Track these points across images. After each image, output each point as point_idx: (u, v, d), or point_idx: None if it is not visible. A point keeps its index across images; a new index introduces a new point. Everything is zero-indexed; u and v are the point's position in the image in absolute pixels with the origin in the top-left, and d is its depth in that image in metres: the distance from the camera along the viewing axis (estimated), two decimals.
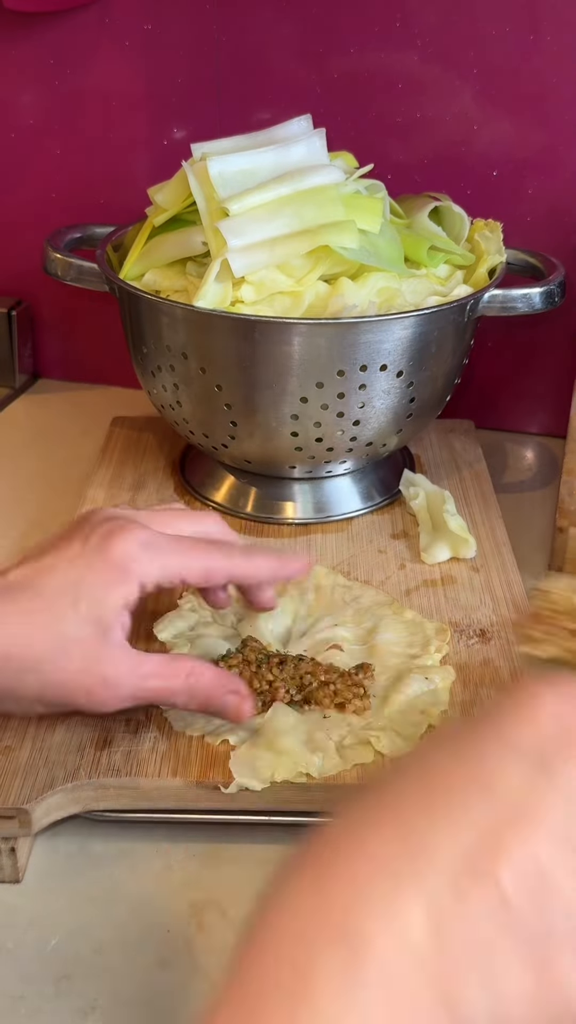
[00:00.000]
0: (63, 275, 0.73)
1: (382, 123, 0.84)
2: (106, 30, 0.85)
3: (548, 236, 0.84)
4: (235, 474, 0.75)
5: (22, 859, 0.50)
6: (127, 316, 0.71)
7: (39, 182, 0.92)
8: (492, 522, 0.73)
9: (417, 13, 0.80)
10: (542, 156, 0.82)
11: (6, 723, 0.54)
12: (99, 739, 0.53)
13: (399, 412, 0.68)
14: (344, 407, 0.66)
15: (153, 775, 0.51)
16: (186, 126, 0.87)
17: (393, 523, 0.73)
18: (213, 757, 0.52)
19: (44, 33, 0.87)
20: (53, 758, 0.51)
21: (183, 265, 0.70)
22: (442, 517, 0.70)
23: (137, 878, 0.50)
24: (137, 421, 0.86)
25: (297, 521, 0.73)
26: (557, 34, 0.78)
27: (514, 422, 0.93)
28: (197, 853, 0.51)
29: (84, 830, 0.52)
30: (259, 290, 0.64)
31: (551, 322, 0.86)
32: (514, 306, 0.70)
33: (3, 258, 0.98)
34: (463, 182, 0.84)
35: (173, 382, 0.69)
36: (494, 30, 0.79)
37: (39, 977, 0.45)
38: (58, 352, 1.01)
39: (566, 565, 0.71)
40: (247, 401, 0.66)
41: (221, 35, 0.84)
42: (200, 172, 0.66)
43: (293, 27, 0.82)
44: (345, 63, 0.83)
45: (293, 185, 0.66)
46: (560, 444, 0.70)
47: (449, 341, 0.68)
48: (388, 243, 0.68)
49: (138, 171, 0.90)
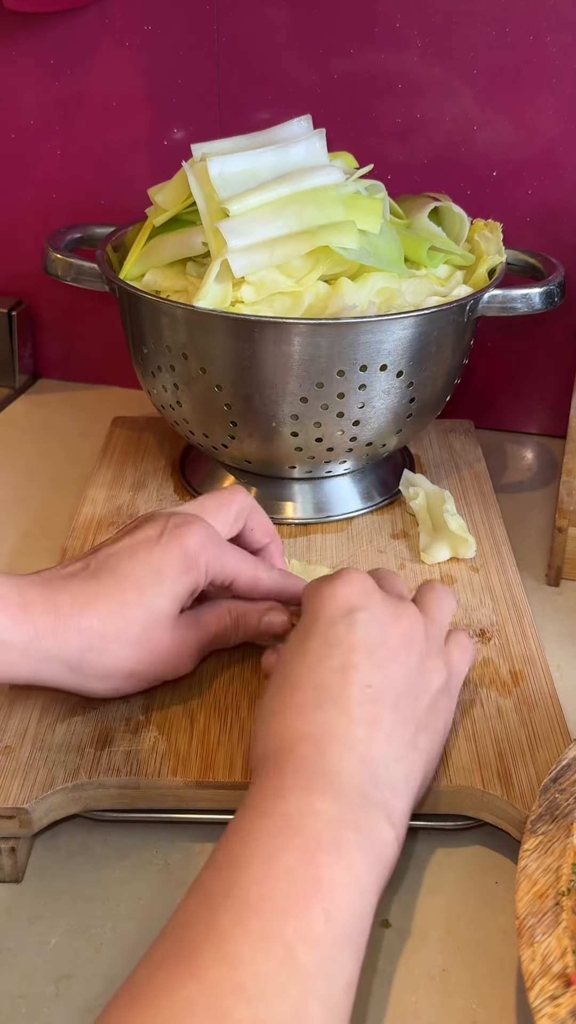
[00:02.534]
0: (63, 275, 0.73)
1: (382, 123, 0.84)
2: (106, 30, 0.85)
3: (548, 236, 0.84)
4: (235, 474, 0.75)
5: (22, 859, 0.50)
6: (127, 316, 0.71)
7: (39, 182, 0.93)
8: (492, 522, 0.73)
9: (417, 13, 0.80)
10: (541, 156, 0.82)
11: (6, 723, 0.54)
12: (99, 739, 0.53)
13: (399, 412, 0.69)
14: (344, 407, 0.66)
15: (153, 775, 0.51)
16: (186, 126, 0.87)
17: (393, 523, 0.73)
18: (213, 757, 0.52)
19: (44, 33, 0.87)
20: (53, 758, 0.51)
21: (183, 265, 0.70)
22: (442, 517, 0.70)
23: (137, 878, 0.50)
24: (137, 421, 0.86)
25: (297, 521, 0.73)
26: (557, 34, 0.78)
27: (514, 422, 0.94)
28: (197, 853, 0.51)
29: (84, 830, 0.52)
30: (259, 290, 0.64)
31: (551, 322, 0.86)
32: (514, 306, 0.70)
33: (3, 258, 0.98)
34: (463, 182, 0.84)
35: (173, 382, 0.69)
36: (494, 30, 0.79)
37: (39, 977, 0.45)
38: (58, 352, 1.01)
39: (565, 565, 0.71)
40: (247, 401, 0.66)
41: (221, 36, 0.84)
42: (200, 172, 0.66)
43: (293, 27, 0.82)
44: (345, 63, 0.83)
45: (293, 186, 0.66)
46: (560, 444, 0.71)
47: (449, 341, 0.68)
48: (388, 243, 0.68)
49: (138, 171, 0.90)
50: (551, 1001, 0.38)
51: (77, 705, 0.55)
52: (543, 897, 0.42)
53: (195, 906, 0.37)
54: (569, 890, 0.42)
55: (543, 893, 0.42)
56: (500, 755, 0.52)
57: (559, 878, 0.43)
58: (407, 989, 0.45)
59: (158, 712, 0.55)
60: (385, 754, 0.44)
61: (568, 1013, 0.38)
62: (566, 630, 0.68)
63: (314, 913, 0.37)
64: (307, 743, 0.43)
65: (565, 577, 0.72)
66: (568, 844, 0.44)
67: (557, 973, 0.39)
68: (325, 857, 0.38)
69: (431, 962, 0.46)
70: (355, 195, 0.68)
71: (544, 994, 0.38)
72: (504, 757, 0.52)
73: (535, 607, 0.67)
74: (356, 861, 0.39)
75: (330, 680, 0.45)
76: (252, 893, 0.37)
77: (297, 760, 0.42)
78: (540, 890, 0.42)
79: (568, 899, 0.42)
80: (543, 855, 0.44)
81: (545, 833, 0.45)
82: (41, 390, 1.01)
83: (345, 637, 0.46)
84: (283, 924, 0.36)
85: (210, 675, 0.57)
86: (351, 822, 0.40)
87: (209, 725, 0.54)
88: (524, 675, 0.58)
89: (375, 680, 0.45)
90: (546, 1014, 0.38)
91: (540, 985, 0.39)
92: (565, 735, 0.54)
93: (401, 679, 0.46)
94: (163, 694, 0.56)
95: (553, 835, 0.45)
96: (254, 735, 0.46)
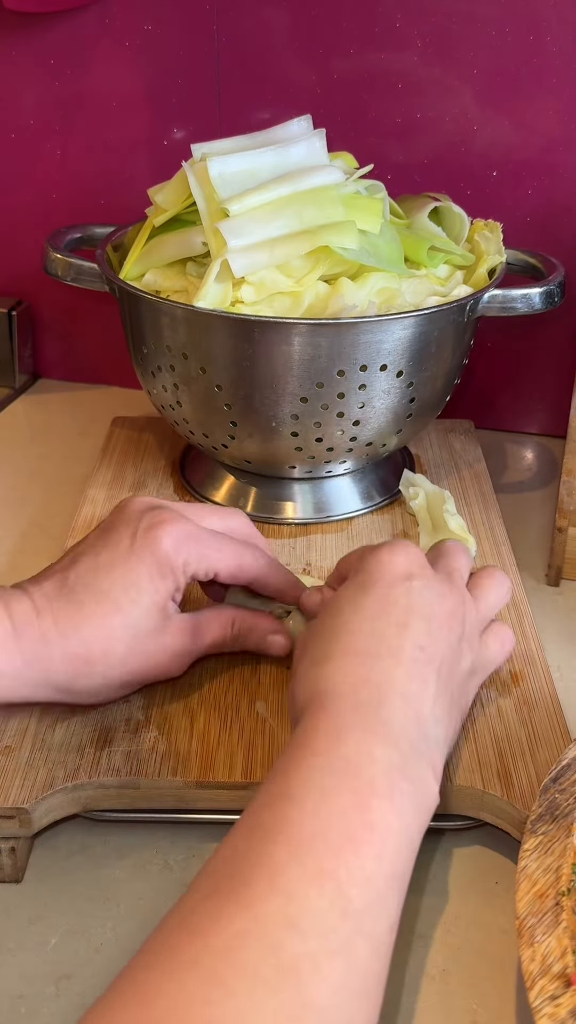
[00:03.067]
0: (63, 275, 0.73)
1: (382, 123, 0.84)
2: (106, 30, 0.85)
3: (548, 236, 0.84)
4: (235, 474, 0.75)
5: (22, 859, 0.50)
6: (127, 316, 0.71)
7: (39, 182, 0.93)
8: (492, 522, 0.73)
9: (417, 13, 0.80)
10: (541, 156, 0.82)
11: (6, 723, 0.54)
12: (99, 739, 0.53)
13: (399, 412, 0.69)
14: (344, 407, 0.66)
15: (153, 775, 0.51)
16: (186, 126, 0.87)
17: (393, 523, 0.73)
18: (213, 757, 0.52)
19: (44, 33, 0.87)
20: (53, 758, 0.51)
21: (183, 265, 0.70)
22: (442, 517, 0.70)
23: (137, 878, 0.50)
24: (137, 421, 0.86)
25: (297, 521, 0.73)
26: (557, 34, 0.78)
27: (514, 422, 0.94)
28: (197, 853, 0.51)
29: (84, 830, 0.52)
30: (259, 290, 0.64)
31: (551, 322, 0.86)
32: (514, 306, 0.70)
33: (3, 258, 0.98)
34: (463, 182, 0.84)
35: (173, 382, 0.69)
36: (494, 30, 0.79)
37: (39, 977, 0.45)
38: (58, 352, 1.01)
39: (565, 565, 0.71)
40: (247, 401, 0.66)
41: (221, 35, 0.84)
42: (200, 172, 0.66)
43: (293, 27, 0.82)
44: (345, 63, 0.83)
45: (293, 186, 0.66)
46: (560, 444, 0.71)
47: (449, 341, 0.68)
48: (388, 243, 0.68)
49: (138, 171, 0.90)
50: (551, 1001, 0.38)
51: (77, 705, 0.55)
52: (543, 897, 0.42)
53: (247, 837, 0.38)
54: (569, 890, 0.42)
55: (543, 893, 0.42)
56: (500, 755, 0.52)
57: (559, 878, 0.43)
58: (407, 989, 0.45)
59: (158, 712, 0.55)
60: (430, 713, 0.45)
61: (568, 1013, 0.38)
62: (566, 630, 0.68)
63: (366, 855, 0.38)
64: (368, 688, 0.44)
65: (565, 577, 0.72)
66: (568, 844, 0.44)
67: (557, 973, 0.39)
68: (378, 802, 0.39)
69: (431, 962, 0.46)
70: (355, 195, 0.68)
71: (544, 994, 0.38)
72: (504, 757, 0.52)
73: (535, 607, 0.67)
74: (406, 809, 0.40)
75: (388, 634, 0.46)
76: (307, 829, 0.38)
77: (356, 703, 0.43)
78: (540, 890, 0.42)
79: (568, 899, 0.42)
80: (543, 855, 0.44)
81: (545, 833, 0.45)
82: (41, 390, 1.01)
83: (404, 599, 0.48)
84: (336, 863, 0.37)
85: (210, 675, 0.57)
86: (405, 771, 0.41)
87: (209, 725, 0.54)
88: (524, 675, 0.58)
89: (427, 644, 0.47)
90: (546, 1014, 0.38)
91: (540, 985, 0.39)
92: (565, 735, 0.54)
93: (446, 650, 0.48)
94: (163, 694, 0.56)
95: (553, 835, 0.45)
96: (300, 675, 0.47)
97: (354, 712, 0.43)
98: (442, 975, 0.46)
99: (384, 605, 0.47)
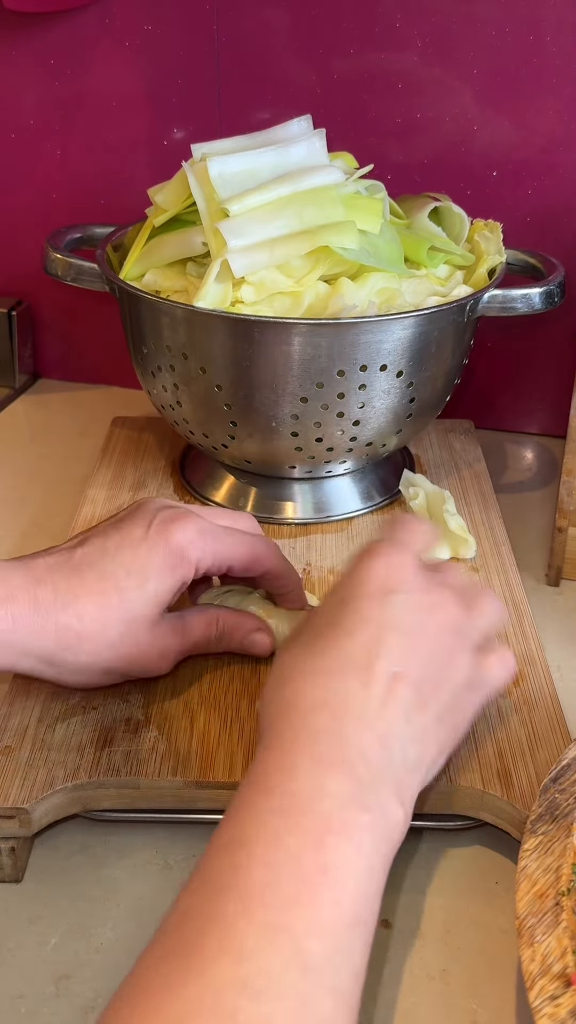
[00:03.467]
0: (63, 275, 0.73)
1: (382, 123, 0.84)
2: (106, 30, 0.85)
3: (548, 236, 0.84)
4: (235, 474, 0.75)
5: (22, 859, 0.50)
6: (127, 316, 0.71)
7: (39, 182, 0.93)
8: (492, 522, 0.73)
9: (417, 13, 0.80)
10: (541, 157, 0.82)
11: (6, 723, 0.54)
12: (99, 739, 0.53)
13: (399, 412, 0.69)
14: (344, 407, 0.66)
15: (153, 775, 0.51)
16: (186, 126, 0.87)
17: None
18: (213, 757, 0.52)
19: (44, 33, 0.87)
20: (53, 758, 0.51)
21: (183, 265, 0.70)
22: (442, 517, 0.70)
23: (137, 878, 0.50)
24: (137, 421, 0.86)
25: (297, 521, 0.73)
26: (557, 34, 0.78)
27: (513, 422, 0.94)
28: (197, 853, 0.51)
29: (84, 830, 0.52)
30: (259, 290, 0.64)
31: (551, 322, 0.86)
32: (514, 306, 0.70)
33: (3, 258, 0.98)
34: (463, 182, 0.84)
35: (173, 382, 0.69)
36: (494, 31, 0.79)
37: (39, 977, 0.45)
38: (58, 352, 1.01)
39: (565, 565, 0.71)
40: (247, 401, 0.66)
41: (221, 35, 0.84)
42: (200, 172, 0.66)
43: (293, 27, 0.82)
44: (345, 63, 0.83)
45: (293, 186, 0.66)
46: (560, 444, 0.71)
47: (449, 341, 0.68)
48: (388, 243, 0.68)
49: (138, 171, 0.90)
50: (551, 1001, 0.38)
51: (77, 705, 0.55)
52: (543, 897, 0.42)
53: (196, 892, 0.36)
54: (569, 890, 0.42)
55: (543, 893, 0.42)
56: (500, 755, 0.52)
57: (559, 878, 0.43)
58: (407, 989, 0.45)
59: (158, 712, 0.55)
60: (401, 733, 0.42)
61: (568, 1013, 0.38)
62: (566, 630, 0.68)
63: (323, 902, 0.35)
64: (325, 712, 0.42)
65: (565, 577, 0.72)
66: (568, 844, 0.44)
67: (557, 973, 0.39)
68: (334, 840, 0.37)
69: (431, 962, 0.46)
70: (355, 195, 0.68)
71: (544, 994, 0.38)
72: (504, 757, 0.52)
73: (535, 607, 0.67)
74: (365, 843, 0.38)
75: (356, 652, 0.44)
76: (256, 879, 0.35)
77: (311, 731, 0.41)
78: (540, 890, 0.42)
79: (568, 899, 0.42)
80: (543, 855, 0.44)
81: (545, 833, 0.45)
82: (41, 390, 1.01)
83: (378, 615, 0.45)
84: (290, 915, 0.35)
85: (210, 675, 0.57)
86: (363, 801, 0.39)
87: (209, 725, 0.54)
88: (524, 675, 0.58)
89: (401, 660, 0.44)
90: (546, 1014, 0.38)
91: (540, 985, 0.39)
92: (565, 735, 0.54)
93: (426, 664, 0.45)
94: (163, 694, 0.56)
95: (553, 835, 0.45)
96: (264, 696, 0.45)
97: (308, 740, 0.41)
98: (442, 975, 0.46)
99: (358, 621, 0.45)
